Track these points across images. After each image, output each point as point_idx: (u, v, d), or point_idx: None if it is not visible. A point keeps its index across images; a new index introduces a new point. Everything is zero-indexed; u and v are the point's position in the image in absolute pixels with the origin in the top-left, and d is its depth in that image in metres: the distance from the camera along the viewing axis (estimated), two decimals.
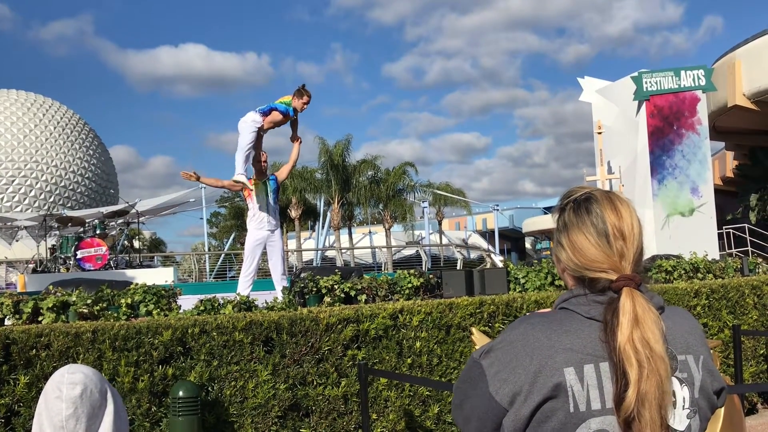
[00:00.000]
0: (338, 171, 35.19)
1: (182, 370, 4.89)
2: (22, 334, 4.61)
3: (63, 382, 1.93)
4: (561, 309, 1.56)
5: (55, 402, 1.91)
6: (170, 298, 6.05)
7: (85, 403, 1.92)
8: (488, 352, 1.54)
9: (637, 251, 1.55)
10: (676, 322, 1.56)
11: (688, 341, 1.55)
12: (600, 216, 1.55)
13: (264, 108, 8.57)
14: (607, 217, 1.54)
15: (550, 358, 1.46)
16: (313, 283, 6.81)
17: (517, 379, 1.47)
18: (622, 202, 1.58)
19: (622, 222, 1.54)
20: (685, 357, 1.53)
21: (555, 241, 1.64)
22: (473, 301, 6.06)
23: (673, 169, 15.81)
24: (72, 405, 1.91)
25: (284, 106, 8.53)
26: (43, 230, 20.36)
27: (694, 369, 1.53)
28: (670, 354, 1.49)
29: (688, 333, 1.56)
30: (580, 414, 1.44)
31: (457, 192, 41.83)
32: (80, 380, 1.94)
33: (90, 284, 6.51)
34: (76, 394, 1.91)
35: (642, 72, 15.90)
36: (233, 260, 33.90)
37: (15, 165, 45.55)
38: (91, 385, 1.95)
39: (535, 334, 1.50)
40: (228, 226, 47.61)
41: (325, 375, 5.30)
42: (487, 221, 58.59)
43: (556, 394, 1.45)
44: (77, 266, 16.80)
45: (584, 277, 1.55)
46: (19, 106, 47.96)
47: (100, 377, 2.01)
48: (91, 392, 1.94)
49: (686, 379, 1.52)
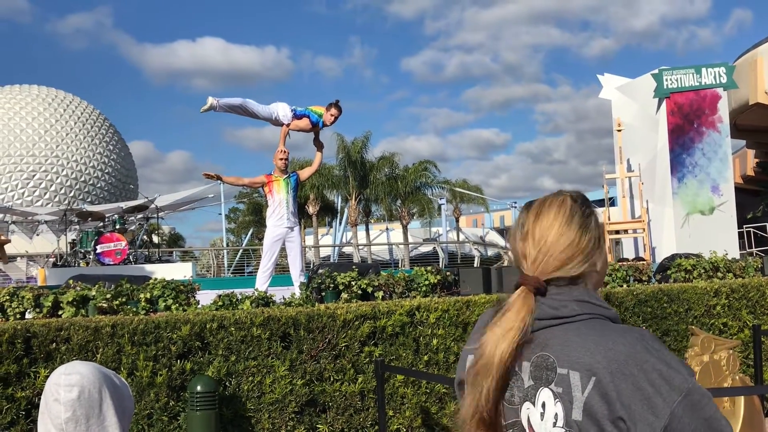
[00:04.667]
0: (356, 167, 35.21)
1: (200, 365, 4.92)
2: (42, 327, 4.65)
3: (60, 383, 1.92)
4: None
5: (54, 405, 1.91)
6: (189, 293, 6.09)
7: (83, 405, 1.92)
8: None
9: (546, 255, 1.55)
10: (582, 336, 1.47)
11: (583, 358, 1.44)
12: (521, 218, 1.65)
13: (299, 111, 8.72)
14: (527, 219, 1.62)
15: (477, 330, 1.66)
16: (330, 279, 6.83)
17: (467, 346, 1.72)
18: (552, 205, 1.61)
19: (535, 224, 1.60)
20: (567, 371, 1.45)
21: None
22: (490, 298, 6.05)
23: (693, 167, 15.66)
24: (70, 408, 1.90)
25: (316, 117, 8.73)
26: (63, 225, 20.54)
27: (576, 386, 1.43)
28: (549, 365, 1.47)
29: (588, 351, 1.44)
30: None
31: (474, 189, 41.77)
32: (77, 382, 1.92)
33: (109, 279, 6.56)
34: (74, 397, 1.91)
35: (662, 69, 15.77)
36: (251, 256, 34.05)
37: (36, 160, 45.98)
38: (89, 385, 1.94)
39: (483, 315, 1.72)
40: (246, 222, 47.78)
41: (342, 371, 5.31)
42: (504, 218, 58.44)
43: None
44: (97, 261, 16.93)
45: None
46: (40, 102, 48.38)
47: (98, 374, 1.98)
48: (89, 393, 1.93)
49: (560, 395, 1.45)
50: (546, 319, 1.51)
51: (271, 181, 8.59)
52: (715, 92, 15.75)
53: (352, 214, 35.79)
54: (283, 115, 8.72)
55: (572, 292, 1.53)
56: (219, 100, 8.57)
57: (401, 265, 32.21)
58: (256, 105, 8.79)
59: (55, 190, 46.13)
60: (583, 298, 1.52)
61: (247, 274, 30.02)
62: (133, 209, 22.22)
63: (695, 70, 15.72)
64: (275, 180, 8.60)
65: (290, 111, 8.71)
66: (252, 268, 31.96)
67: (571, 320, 1.50)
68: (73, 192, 46.58)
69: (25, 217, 32.37)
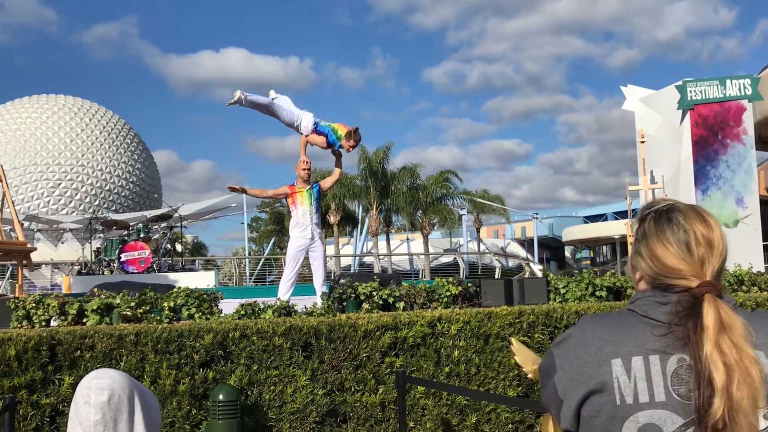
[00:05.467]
0: (377, 178, 35.27)
1: (222, 374, 4.95)
2: (67, 335, 4.71)
3: (91, 387, 1.96)
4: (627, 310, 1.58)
5: (84, 407, 1.95)
6: (212, 302, 6.13)
7: (112, 408, 1.95)
8: (560, 342, 1.58)
9: (721, 263, 1.54)
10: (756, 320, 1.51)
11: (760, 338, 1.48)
12: (682, 225, 1.55)
13: (321, 126, 8.75)
14: (691, 226, 1.55)
15: (599, 349, 1.48)
16: (351, 289, 6.84)
17: (570, 369, 1.50)
18: (709, 214, 1.60)
19: (711, 231, 1.55)
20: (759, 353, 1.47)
21: (633, 250, 1.65)
22: (512, 310, 6.03)
23: (718, 180, 15.53)
24: (100, 411, 1.94)
25: (334, 138, 8.73)
26: (88, 233, 20.76)
27: (765, 363, 1.44)
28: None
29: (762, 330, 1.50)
30: (627, 407, 1.43)
31: (495, 199, 41.64)
32: (107, 386, 1.96)
33: (133, 287, 6.63)
34: (104, 400, 1.94)
35: (686, 81, 15.68)
36: (273, 265, 34.17)
37: (62, 169, 46.51)
38: (120, 390, 1.98)
39: (591, 325, 1.54)
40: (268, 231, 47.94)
41: (363, 382, 5.32)
42: (526, 229, 58.20)
43: (602, 389, 1.45)
44: (121, 269, 17.09)
45: (663, 285, 1.54)
46: (66, 111, 48.98)
47: (128, 381, 2.02)
48: (119, 398, 1.97)
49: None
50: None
51: (294, 192, 8.64)
52: (739, 104, 15.62)
53: (373, 224, 35.83)
54: (304, 126, 8.77)
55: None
56: (247, 95, 8.64)
57: (422, 275, 32.16)
58: (282, 109, 8.83)
59: (81, 199, 46.62)
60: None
61: (269, 283, 30.12)
62: (157, 218, 22.40)
63: (720, 82, 15.61)
64: (298, 191, 8.64)
65: (312, 124, 8.74)
66: (274, 277, 32.08)
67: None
68: (98, 201, 47.05)
69: (51, 226, 32.75)
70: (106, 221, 20.92)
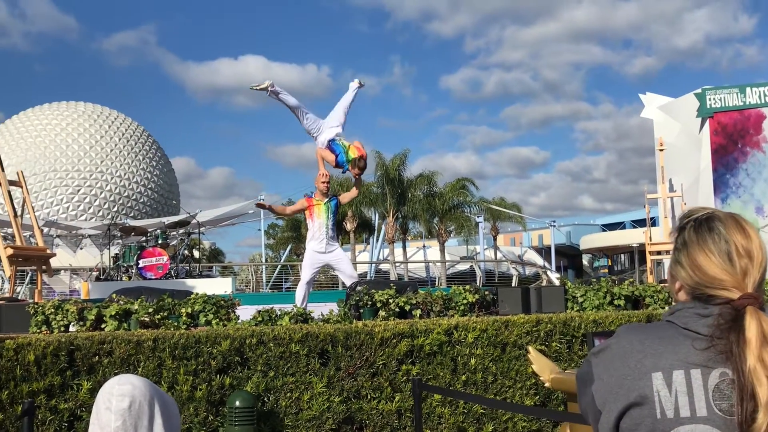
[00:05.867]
0: (394, 185, 35.26)
1: (239, 380, 4.96)
2: (85, 340, 4.74)
3: (113, 393, 1.97)
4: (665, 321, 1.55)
5: (105, 413, 1.96)
6: (229, 309, 6.15)
7: (133, 415, 1.96)
8: (599, 352, 1.55)
9: (762, 274, 1.51)
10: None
11: None
12: (723, 235, 1.53)
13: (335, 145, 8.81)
14: (731, 236, 1.52)
15: (639, 362, 1.46)
16: (368, 296, 6.84)
17: (609, 381, 1.48)
18: (748, 223, 1.56)
19: (750, 242, 1.51)
20: None
21: (672, 259, 1.62)
22: (530, 319, 6.01)
23: (737, 188, 15.42)
24: (120, 417, 1.95)
25: (344, 160, 8.81)
26: (106, 239, 20.89)
27: None
28: None
29: None
30: (668, 421, 1.42)
31: (512, 207, 41.54)
32: (129, 392, 1.97)
33: (151, 293, 6.66)
34: (125, 406, 1.95)
35: (705, 89, 15.59)
36: (289, 271, 34.24)
37: (81, 175, 46.89)
38: (140, 396, 1.99)
39: (629, 337, 1.52)
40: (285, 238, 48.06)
41: (380, 389, 5.31)
42: (543, 237, 57.91)
43: (641, 401, 1.44)
44: (139, 275, 17.17)
45: (703, 295, 1.52)
46: (86, 118, 49.40)
47: (150, 388, 2.04)
48: (140, 404, 1.98)
49: None
50: None
51: (311, 206, 8.68)
52: (759, 112, 15.50)
53: (389, 231, 35.81)
54: (321, 141, 8.82)
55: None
56: (275, 89, 8.71)
57: (438, 283, 32.09)
58: (304, 114, 8.88)
59: (99, 205, 46.96)
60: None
61: (285, 289, 30.19)
62: (175, 224, 22.49)
63: (739, 90, 15.51)
64: (316, 204, 8.68)
65: (327, 140, 8.78)
66: (290, 283, 32.14)
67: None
68: (116, 207, 47.37)
69: (70, 231, 32.99)
70: (124, 227, 21.04)
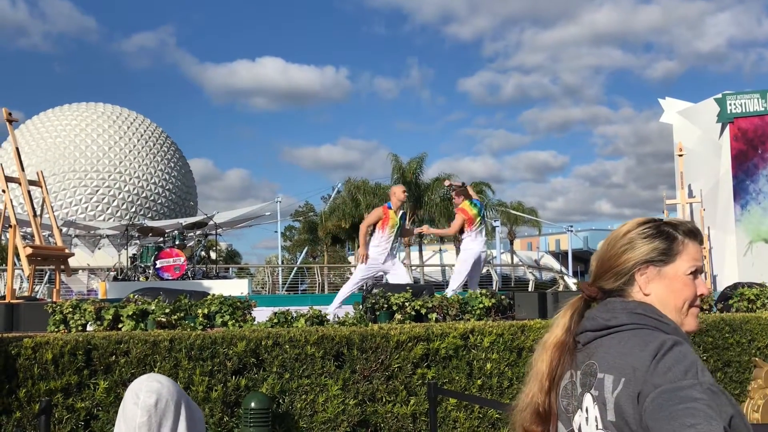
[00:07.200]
0: (411, 188, 35.23)
1: (255, 382, 4.97)
2: (102, 340, 4.77)
3: (141, 389, 2.00)
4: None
5: (132, 408, 1.99)
6: (245, 310, 6.16)
7: (159, 412, 1.98)
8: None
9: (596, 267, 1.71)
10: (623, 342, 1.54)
11: (617, 362, 1.51)
12: None
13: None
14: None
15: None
16: (384, 299, 6.83)
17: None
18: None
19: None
20: (603, 375, 1.52)
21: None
22: (546, 323, 5.96)
23: (757, 194, 15.26)
24: (146, 413, 1.97)
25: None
26: (124, 239, 21.01)
27: (608, 388, 1.49)
28: (592, 371, 1.55)
29: (622, 355, 1.50)
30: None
31: (529, 211, 41.38)
32: (156, 389, 2.00)
33: (168, 293, 6.68)
34: (151, 402, 1.98)
35: (726, 94, 15.45)
36: (305, 274, 34.28)
37: (100, 176, 47.25)
38: (167, 395, 2.01)
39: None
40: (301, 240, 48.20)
41: (395, 392, 5.30)
42: (560, 242, 57.66)
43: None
44: (156, 275, 17.26)
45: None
46: (105, 119, 49.78)
47: (177, 389, 2.06)
48: (166, 402, 2.00)
49: (597, 398, 1.52)
50: (598, 330, 1.60)
51: (387, 217, 8.82)
52: None
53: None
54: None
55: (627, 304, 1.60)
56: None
57: None
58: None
59: (118, 206, 47.29)
60: (637, 310, 1.58)
61: (301, 291, 30.23)
62: (193, 225, 22.59)
63: (760, 95, 15.35)
64: (391, 216, 8.85)
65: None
66: (306, 285, 32.19)
67: (619, 329, 1.57)
68: (134, 207, 47.68)
69: (88, 231, 33.23)
70: (142, 228, 21.15)
